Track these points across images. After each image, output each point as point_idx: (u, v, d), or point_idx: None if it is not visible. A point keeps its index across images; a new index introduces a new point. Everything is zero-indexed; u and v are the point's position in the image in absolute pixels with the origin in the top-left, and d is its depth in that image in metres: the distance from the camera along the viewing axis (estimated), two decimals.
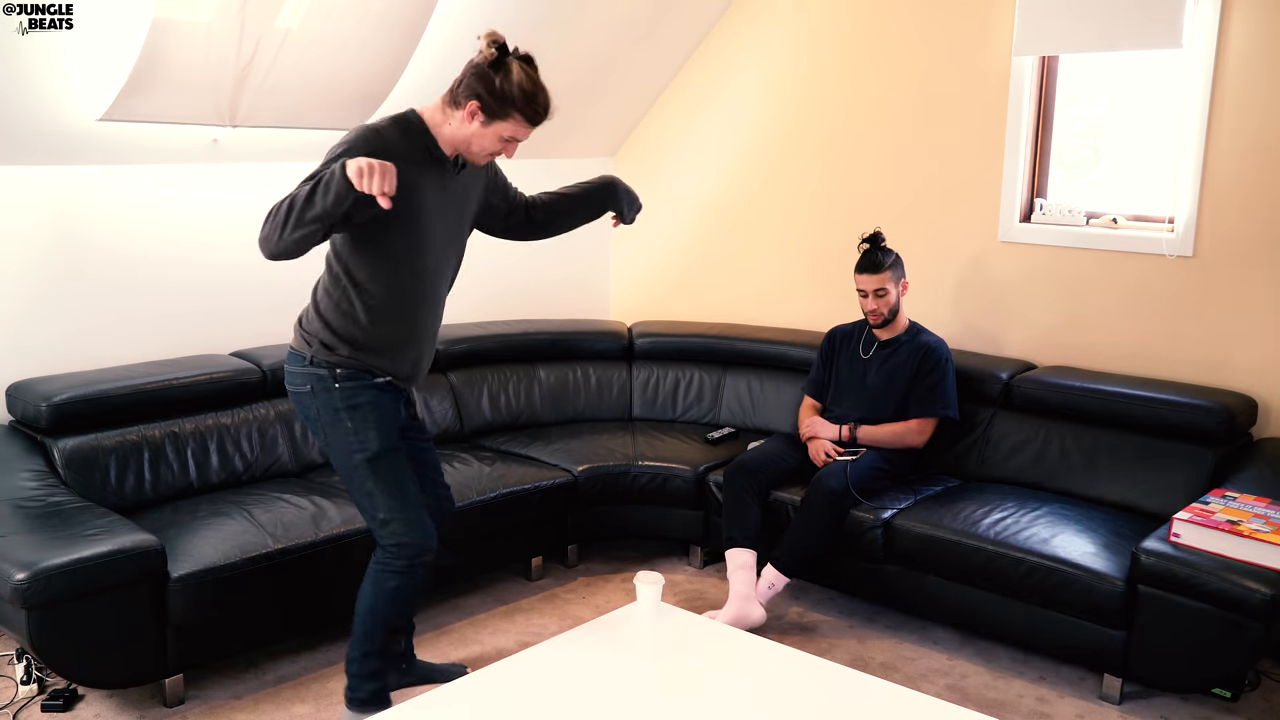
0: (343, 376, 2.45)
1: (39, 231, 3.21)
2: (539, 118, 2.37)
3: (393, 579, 2.54)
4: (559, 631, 2.96)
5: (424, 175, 2.39)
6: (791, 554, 3.21)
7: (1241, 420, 3.23)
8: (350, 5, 3.18)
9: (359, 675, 2.60)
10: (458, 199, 2.52)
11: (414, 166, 2.35)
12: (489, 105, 2.32)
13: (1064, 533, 3.00)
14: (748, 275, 4.52)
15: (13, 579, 2.39)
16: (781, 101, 4.34)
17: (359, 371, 2.46)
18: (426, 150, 2.40)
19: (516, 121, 2.35)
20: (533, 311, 4.54)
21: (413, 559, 2.53)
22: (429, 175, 2.41)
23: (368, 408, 2.46)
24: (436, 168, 2.42)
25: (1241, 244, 3.33)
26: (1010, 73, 3.71)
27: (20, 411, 3.09)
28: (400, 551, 2.52)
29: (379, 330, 2.44)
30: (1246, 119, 3.28)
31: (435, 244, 2.47)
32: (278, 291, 3.75)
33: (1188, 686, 2.81)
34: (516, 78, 2.31)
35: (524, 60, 2.35)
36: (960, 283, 3.93)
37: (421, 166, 2.38)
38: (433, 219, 2.44)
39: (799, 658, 2.29)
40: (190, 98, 3.12)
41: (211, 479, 3.26)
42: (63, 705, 2.74)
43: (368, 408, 2.46)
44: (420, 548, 2.53)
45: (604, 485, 3.61)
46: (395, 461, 2.51)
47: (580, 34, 4.04)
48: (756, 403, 4.11)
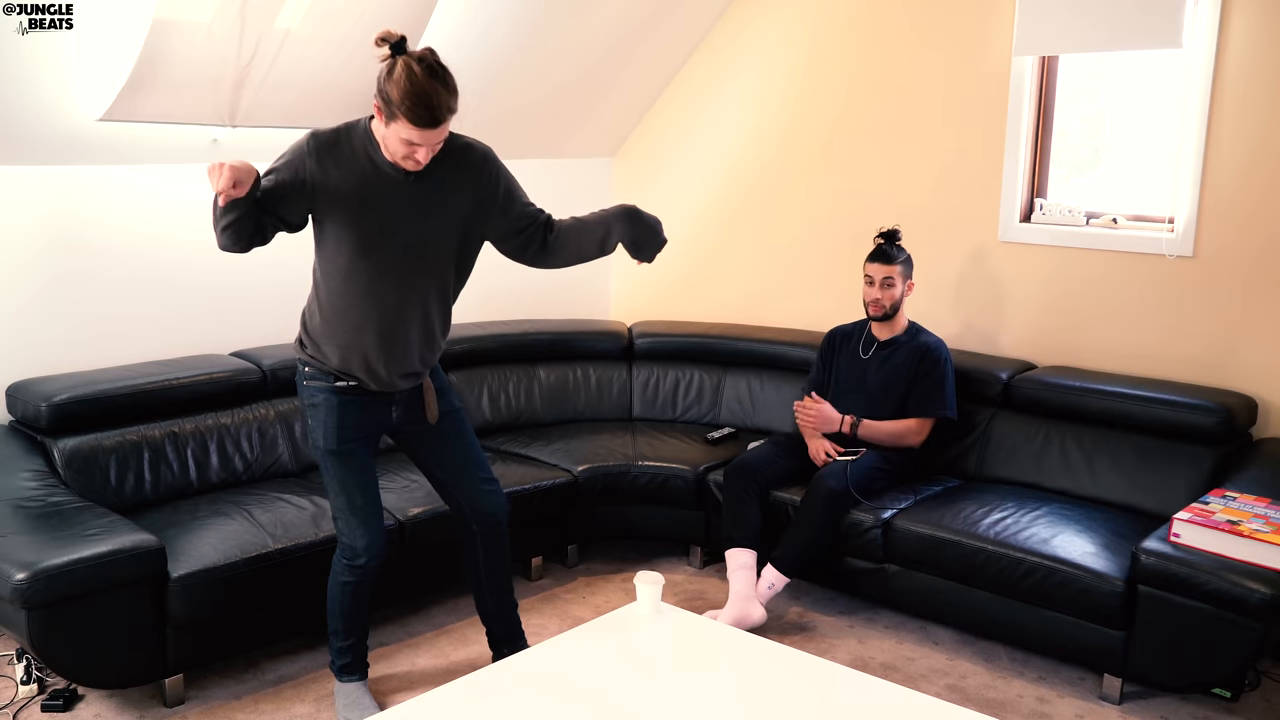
0: (309, 375, 2.57)
1: (39, 231, 3.21)
2: (423, 119, 2.22)
3: (338, 574, 2.66)
4: (559, 631, 2.96)
5: (363, 181, 2.39)
6: (791, 554, 3.21)
7: (1241, 420, 3.23)
8: (350, 6, 3.18)
9: (331, 649, 2.75)
10: (421, 207, 2.45)
11: (350, 173, 2.38)
12: (382, 106, 2.28)
13: (1064, 533, 3.00)
14: (748, 275, 4.52)
15: (13, 579, 2.39)
16: (781, 101, 4.34)
17: (320, 372, 2.55)
18: (367, 156, 2.39)
19: (403, 123, 2.24)
20: (533, 311, 4.54)
21: (349, 560, 2.62)
22: (371, 181, 2.39)
23: (323, 408, 2.55)
24: (380, 174, 2.40)
25: (1241, 244, 3.33)
26: (1010, 73, 3.71)
27: (20, 411, 3.09)
28: (340, 550, 2.64)
29: (328, 329, 2.51)
30: (1246, 119, 3.28)
31: (383, 249, 2.44)
32: (278, 291, 3.75)
33: (1188, 686, 2.81)
34: (397, 76, 2.21)
35: (419, 58, 2.23)
36: (960, 282, 3.93)
37: (361, 173, 2.39)
38: (376, 225, 2.41)
39: (799, 658, 2.29)
40: (190, 98, 3.12)
41: (211, 479, 3.26)
42: (63, 705, 2.74)
43: (323, 408, 2.55)
44: (353, 551, 2.60)
45: (604, 485, 3.61)
46: (345, 464, 2.57)
47: (580, 33, 4.03)
48: (756, 403, 4.11)
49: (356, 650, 2.74)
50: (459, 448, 2.73)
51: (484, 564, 2.80)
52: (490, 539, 2.78)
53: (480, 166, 2.52)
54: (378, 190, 2.40)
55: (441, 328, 2.62)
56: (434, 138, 2.29)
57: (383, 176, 2.40)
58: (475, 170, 2.51)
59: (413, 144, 2.28)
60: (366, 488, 2.61)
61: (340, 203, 2.39)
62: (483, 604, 2.86)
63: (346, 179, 2.38)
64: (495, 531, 2.78)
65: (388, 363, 2.52)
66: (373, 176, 2.39)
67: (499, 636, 2.88)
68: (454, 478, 2.74)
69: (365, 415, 2.58)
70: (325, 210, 2.41)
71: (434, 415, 2.65)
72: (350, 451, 2.57)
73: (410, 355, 2.55)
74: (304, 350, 2.56)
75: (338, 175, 2.38)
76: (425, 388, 2.64)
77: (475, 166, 2.51)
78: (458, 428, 2.73)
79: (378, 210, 2.41)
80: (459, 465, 2.73)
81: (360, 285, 2.45)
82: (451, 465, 2.73)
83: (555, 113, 4.34)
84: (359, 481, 2.59)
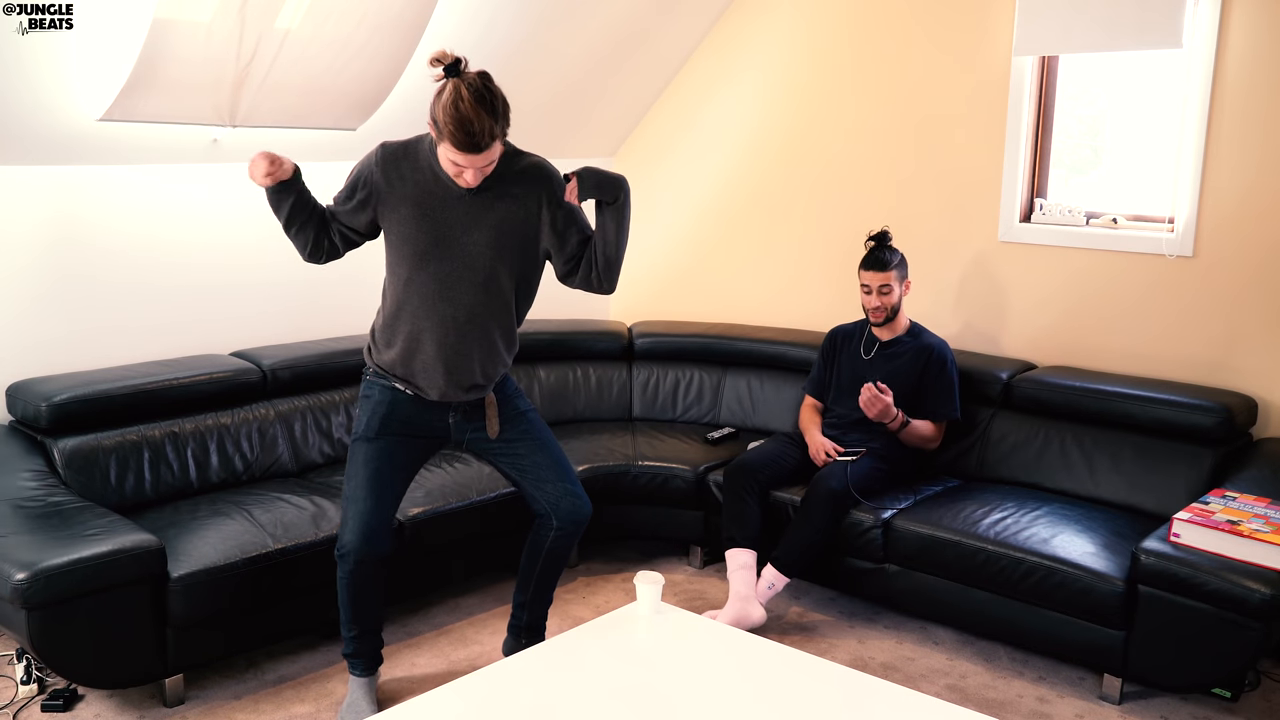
0: (373, 374, 2.65)
1: (39, 231, 3.21)
2: (464, 144, 2.27)
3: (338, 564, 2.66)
4: (559, 631, 2.96)
5: (425, 192, 2.46)
6: (791, 554, 3.21)
7: (1241, 420, 3.23)
8: (350, 6, 3.18)
9: (344, 637, 2.74)
10: (479, 220, 2.48)
11: (414, 184, 2.46)
12: (433, 126, 2.33)
13: (1064, 533, 3.00)
14: (748, 275, 4.52)
15: (13, 579, 2.40)
16: (781, 101, 4.34)
17: (383, 375, 2.62)
18: (430, 168, 2.46)
19: (447, 145, 2.30)
20: (533, 311, 4.48)
21: (340, 552, 2.63)
22: (432, 192, 2.46)
23: (375, 399, 2.62)
24: (441, 185, 2.46)
25: (1241, 244, 3.33)
26: (1010, 73, 3.71)
27: (20, 411, 3.09)
28: (338, 540, 2.65)
29: (390, 337, 2.60)
30: (1246, 119, 3.28)
31: (441, 260, 2.49)
32: (278, 292, 3.76)
33: (1188, 686, 2.81)
34: (445, 99, 2.25)
35: (469, 83, 2.25)
36: (960, 283, 3.93)
37: (424, 184, 2.46)
38: (434, 235, 2.47)
39: (799, 658, 2.29)
40: (190, 98, 3.12)
41: (211, 479, 3.26)
42: (63, 705, 2.74)
43: (375, 399, 2.62)
44: (344, 544, 2.61)
45: (604, 485, 3.60)
46: (371, 454, 2.59)
47: (580, 33, 4.03)
48: (756, 403, 4.11)
49: (360, 643, 2.72)
50: (535, 452, 2.71)
51: (546, 554, 2.79)
52: (565, 536, 2.76)
53: (542, 184, 2.53)
54: (438, 201, 2.46)
55: (505, 343, 2.63)
56: (478, 161, 2.33)
57: (443, 188, 2.46)
58: (536, 188, 2.53)
59: (459, 165, 2.34)
60: (379, 486, 2.59)
61: (402, 212, 2.46)
62: (523, 589, 2.85)
63: (410, 189, 2.45)
64: (575, 530, 2.77)
65: (446, 374, 2.55)
66: (434, 188, 2.46)
67: (522, 624, 2.88)
68: (530, 477, 2.72)
69: (417, 417, 2.60)
70: (388, 219, 2.49)
71: (494, 431, 2.66)
72: (382, 444, 2.59)
73: (470, 369, 2.57)
74: (370, 356, 2.65)
75: (401, 186, 2.45)
76: (488, 402, 2.65)
77: (536, 184, 2.53)
78: (529, 432, 2.71)
79: (436, 221, 2.46)
80: (538, 471, 2.71)
81: (419, 296, 2.51)
82: (530, 470, 2.71)
83: (555, 113, 4.34)
84: (375, 476, 2.58)
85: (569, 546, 2.80)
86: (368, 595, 2.67)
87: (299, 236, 2.54)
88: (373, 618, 2.72)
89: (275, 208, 2.50)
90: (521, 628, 2.89)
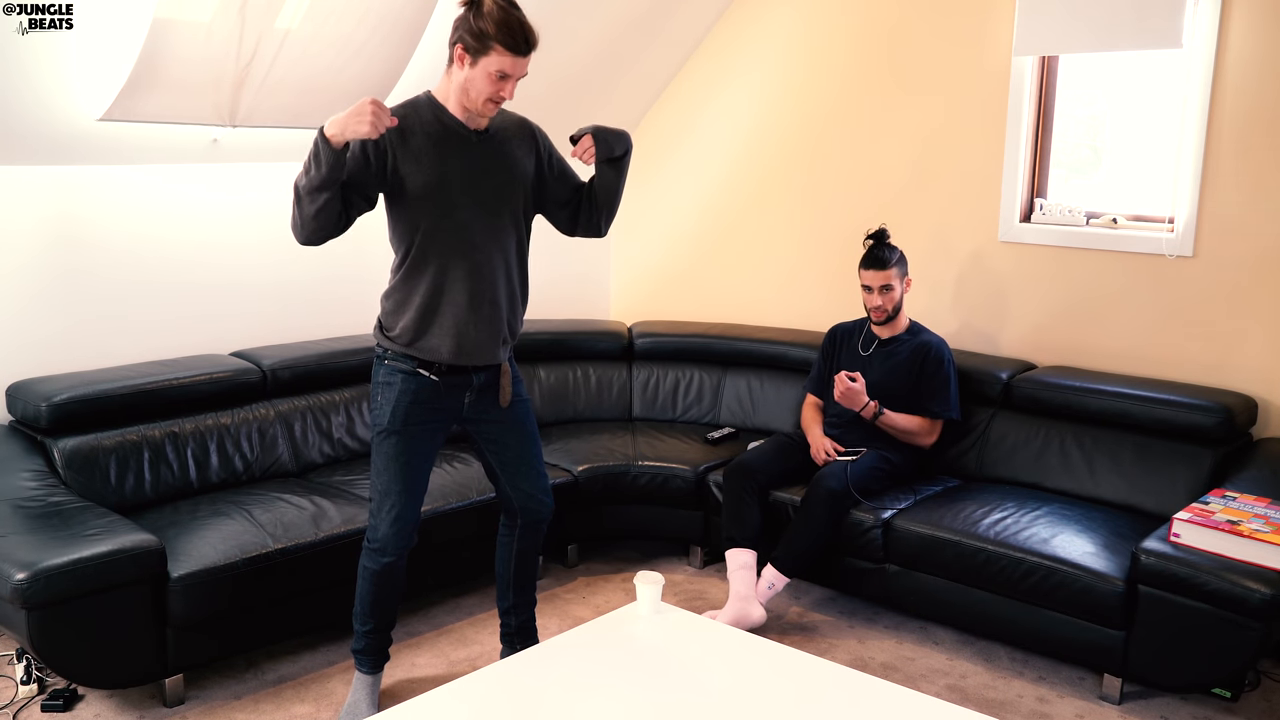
0: (390, 356, 2.59)
1: (39, 231, 3.21)
2: (520, 45, 2.38)
3: (363, 557, 2.67)
4: (559, 631, 2.96)
5: (437, 141, 2.48)
6: (791, 554, 3.21)
7: (1241, 420, 3.23)
8: (350, 5, 3.18)
9: (357, 632, 2.73)
10: (493, 162, 2.55)
11: (426, 136, 2.47)
12: (470, 45, 2.39)
13: (1064, 533, 3.00)
14: (748, 275, 4.52)
15: (13, 579, 2.39)
16: (781, 101, 4.34)
17: (402, 355, 2.57)
18: (436, 119, 2.49)
19: (499, 53, 2.37)
20: (533, 311, 4.47)
21: (367, 543, 2.65)
22: (445, 141, 2.49)
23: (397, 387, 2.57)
24: (450, 133, 2.49)
25: (1241, 244, 3.33)
26: (1010, 73, 3.71)
27: (20, 411, 3.09)
28: (367, 532, 2.66)
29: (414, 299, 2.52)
30: (1246, 119, 3.28)
31: (465, 205, 2.51)
32: (278, 292, 3.76)
33: (1188, 686, 2.81)
34: (488, 9, 2.36)
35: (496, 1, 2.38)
36: (960, 282, 3.93)
37: (435, 134, 2.48)
38: (455, 180, 2.50)
39: (799, 658, 2.29)
40: (190, 98, 3.12)
41: (211, 479, 3.26)
42: (63, 705, 2.74)
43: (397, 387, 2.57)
44: (379, 539, 2.62)
45: (604, 485, 3.61)
46: (402, 447, 2.58)
47: (580, 33, 4.04)
48: (756, 403, 4.11)
49: (372, 639, 2.72)
50: (520, 439, 2.75)
51: (517, 555, 2.83)
52: (530, 533, 2.81)
53: (534, 133, 2.66)
54: (452, 148, 2.50)
55: (522, 292, 2.68)
56: (523, 67, 2.41)
57: (454, 135, 2.50)
58: (529, 136, 2.64)
59: (505, 76, 2.39)
60: (411, 478, 2.60)
61: (421, 164, 2.47)
62: (504, 596, 2.88)
63: (423, 141, 2.48)
64: (537, 529, 2.82)
65: (477, 324, 2.55)
66: (445, 137, 2.49)
67: (512, 629, 2.90)
68: (509, 469, 2.75)
69: (438, 403, 2.60)
70: (408, 173, 2.46)
71: (507, 398, 2.69)
72: (412, 435, 2.59)
73: (499, 318, 2.59)
74: (385, 334, 2.59)
75: (413, 138, 2.47)
76: (503, 371, 2.68)
77: (529, 133, 2.65)
78: (522, 419, 2.75)
79: (455, 166, 2.50)
80: (517, 458, 2.74)
81: (442, 244, 2.51)
82: (511, 456, 2.74)
83: (555, 112, 4.32)
84: (407, 469, 2.59)
85: (536, 544, 2.83)
86: (391, 591, 2.69)
87: (327, 207, 2.35)
88: (390, 614, 2.74)
89: (331, 165, 2.29)
90: (513, 634, 2.89)
